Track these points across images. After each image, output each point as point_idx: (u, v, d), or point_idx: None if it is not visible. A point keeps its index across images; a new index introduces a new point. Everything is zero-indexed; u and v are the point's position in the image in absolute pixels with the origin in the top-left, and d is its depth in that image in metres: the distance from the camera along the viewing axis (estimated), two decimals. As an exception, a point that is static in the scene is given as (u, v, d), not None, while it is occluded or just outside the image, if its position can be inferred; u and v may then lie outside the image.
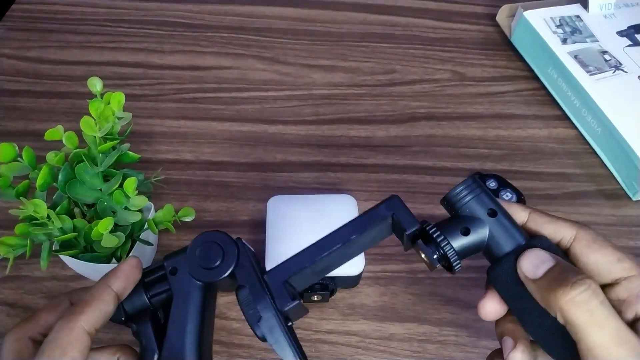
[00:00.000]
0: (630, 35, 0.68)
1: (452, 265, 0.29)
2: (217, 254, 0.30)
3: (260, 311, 0.28)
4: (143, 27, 0.70)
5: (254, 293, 0.28)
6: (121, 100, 0.40)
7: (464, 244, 0.29)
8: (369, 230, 0.29)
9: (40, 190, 0.39)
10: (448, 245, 0.28)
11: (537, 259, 0.27)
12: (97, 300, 0.28)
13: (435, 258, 0.29)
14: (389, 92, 0.65)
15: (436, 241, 0.29)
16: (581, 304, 0.24)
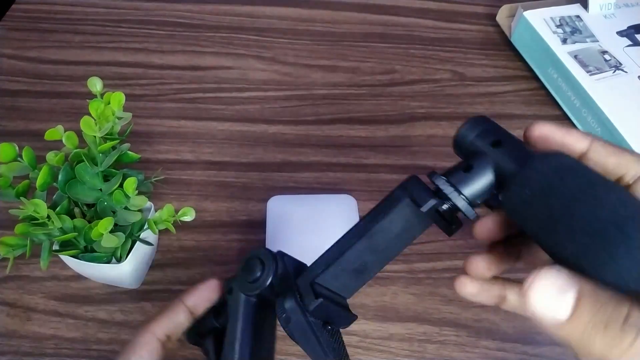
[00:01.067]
0: (630, 35, 0.68)
1: (463, 212, 0.26)
2: (258, 267, 0.30)
3: (289, 312, 0.28)
4: (143, 27, 0.70)
5: (286, 297, 0.29)
6: (121, 100, 0.40)
7: (468, 182, 0.26)
8: (388, 216, 0.28)
9: (40, 190, 0.39)
10: (450, 188, 0.26)
11: (553, 288, 0.19)
12: (168, 310, 0.33)
13: (446, 214, 0.26)
14: (389, 92, 0.65)
15: (442, 192, 0.26)
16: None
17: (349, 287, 0.29)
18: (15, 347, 0.43)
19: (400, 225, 0.28)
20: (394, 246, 0.29)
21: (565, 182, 0.22)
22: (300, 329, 0.28)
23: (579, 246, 0.20)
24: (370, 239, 0.28)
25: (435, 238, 0.52)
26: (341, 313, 0.29)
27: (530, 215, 0.23)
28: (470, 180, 0.26)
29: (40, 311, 0.45)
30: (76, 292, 0.47)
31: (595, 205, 0.20)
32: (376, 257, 0.29)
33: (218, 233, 0.51)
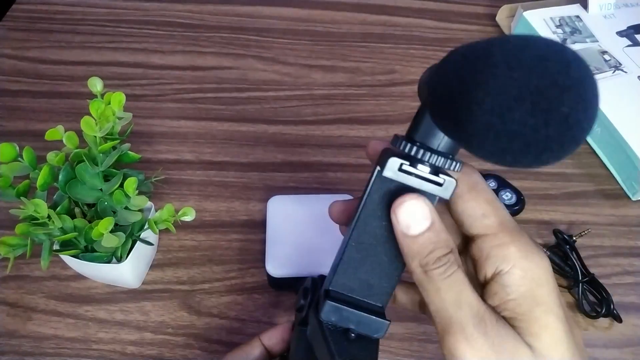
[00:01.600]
0: (630, 35, 0.68)
1: (438, 166, 0.23)
2: (301, 295, 0.31)
3: (310, 327, 0.28)
4: (143, 28, 0.70)
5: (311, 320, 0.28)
6: (121, 101, 0.41)
7: (421, 128, 0.23)
8: (369, 195, 0.25)
9: (41, 190, 0.39)
10: (410, 144, 0.23)
11: (415, 214, 0.24)
12: (245, 345, 0.35)
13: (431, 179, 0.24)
14: (389, 92, 0.65)
15: (406, 152, 0.23)
16: (435, 279, 0.23)
17: (374, 289, 0.27)
18: (15, 346, 0.43)
19: (387, 202, 0.25)
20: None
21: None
22: (315, 334, 0.26)
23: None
24: (363, 226, 0.25)
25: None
26: (365, 318, 0.27)
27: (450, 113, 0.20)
28: (427, 131, 0.23)
29: (40, 311, 0.45)
30: (76, 292, 0.47)
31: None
32: (384, 247, 0.26)
33: (218, 233, 0.51)
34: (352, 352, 0.26)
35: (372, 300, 0.27)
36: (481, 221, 0.25)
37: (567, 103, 0.17)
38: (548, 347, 0.23)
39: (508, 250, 0.24)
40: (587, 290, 0.48)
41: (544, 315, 0.23)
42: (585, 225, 0.53)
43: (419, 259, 0.24)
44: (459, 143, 0.22)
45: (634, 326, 0.47)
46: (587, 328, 0.47)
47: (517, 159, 0.19)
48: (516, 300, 0.23)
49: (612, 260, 0.51)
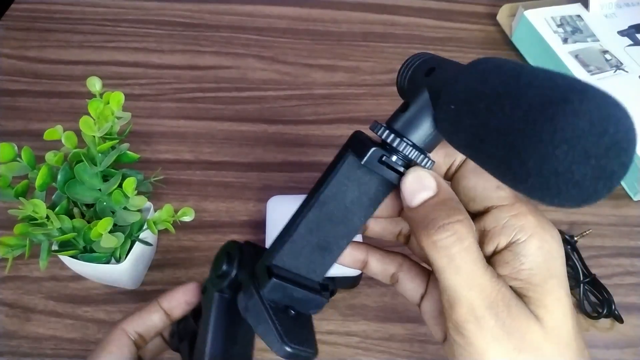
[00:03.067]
0: (631, 34, 0.68)
1: (412, 158, 0.23)
2: (224, 261, 0.29)
3: (245, 299, 0.26)
4: (142, 27, 0.70)
5: (244, 290, 0.26)
6: (120, 100, 0.40)
7: (409, 123, 0.23)
8: (334, 178, 0.24)
9: (40, 190, 0.39)
10: (391, 133, 0.23)
11: (419, 183, 0.24)
12: (143, 310, 0.33)
13: (398, 168, 0.24)
14: (389, 92, 0.65)
15: (385, 141, 0.23)
16: (442, 250, 0.23)
17: (315, 266, 0.27)
18: (14, 347, 0.43)
19: (352, 187, 0.25)
20: (354, 214, 0.26)
21: (487, 83, 0.19)
22: (255, 312, 0.25)
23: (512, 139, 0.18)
24: (322, 207, 0.25)
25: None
26: (308, 296, 0.26)
27: (461, 133, 0.21)
28: (410, 120, 0.23)
29: (39, 311, 0.45)
30: (75, 293, 0.47)
31: (521, 94, 0.18)
32: (336, 229, 0.26)
33: (218, 233, 0.51)
34: (297, 332, 0.26)
35: (311, 277, 0.27)
36: (497, 192, 0.24)
37: (617, 163, 0.18)
38: (559, 320, 0.23)
39: (526, 219, 0.23)
40: (588, 290, 0.47)
41: (557, 288, 0.23)
42: (587, 226, 0.53)
43: (427, 229, 0.23)
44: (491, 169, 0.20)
45: (635, 327, 0.47)
46: (588, 329, 0.47)
47: (561, 203, 0.19)
48: (531, 270, 0.23)
49: (614, 260, 0.51)
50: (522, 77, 0.19)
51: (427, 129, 0.23)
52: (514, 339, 0.22)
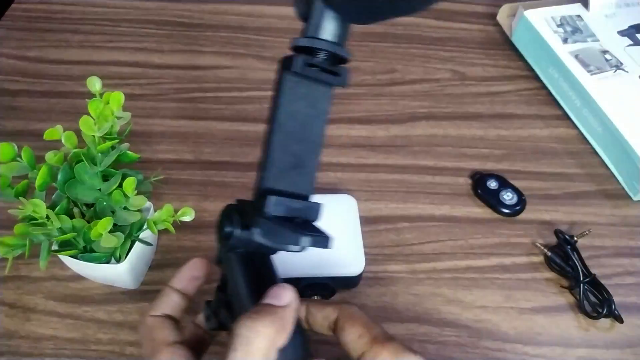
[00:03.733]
0: (631, 34, 0.68)
1: (334, 51, 0.32)
2: (226, 223, 0.31)
3: (259, 227, 0.29)
4: (142, 27, 0.70)
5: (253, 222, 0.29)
6: (120, 100, 0.40)
7: (318, 26, 0.31)
8: (281, 97, 0.29)
9: (40, 190, 0.39)
10: (307, 39, 0.31)
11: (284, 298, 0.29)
12: (160, 296, 0.34)
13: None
14: (389, 92, 0.65)
15: (304, 47, 0.30)
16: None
17: (300, 183, 0.30)
18: (14, 347, 0.43)
19: (299, 102, 0.29)
20: (312, 126, 0.30)
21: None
22: (268, 229, 0.28)
23: None
24: (281, 129, 0.30)
25: (436, 238, 0.52)
26: (306, 205, 0.30)
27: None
28: (316, 24, 0.29)
29: (39, 311, 0.45)
30: (75, 293, 0.46)
31: None
32: (303, 145, 0.30)
33: (218, 233, 0.51)
34: (309, 228, 0.29)
35: (302, 192, 0.30)
36: (359, 342, 0.30)
37: None
38: None
39: (382, 356, 0.29)
40: (588, 290, 0.47)
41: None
42: (587, 226, 0.53)
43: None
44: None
45: (635, 327, 0.47)
46: (588, 329, 0.47)
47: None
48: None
49: (614, 260, 0.51)
50: None
51: (331, 22, 0.30)
52: None
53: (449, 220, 0.54)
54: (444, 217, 0.54)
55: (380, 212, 0.53)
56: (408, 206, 0.54)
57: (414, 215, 0.53)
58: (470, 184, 0.56)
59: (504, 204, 0.53)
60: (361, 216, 0.48)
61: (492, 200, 0.54)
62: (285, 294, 0.29)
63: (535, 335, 0.46)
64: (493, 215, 0.54)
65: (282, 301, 0.29)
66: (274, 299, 0.29)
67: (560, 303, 0.48)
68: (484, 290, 0.49)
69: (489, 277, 0.50)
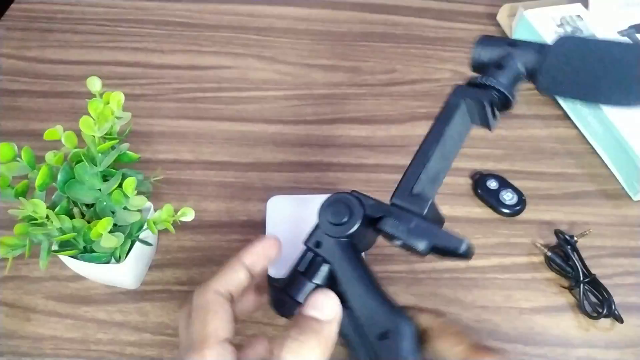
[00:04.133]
0: (631, 34, 0.67)
1: (509, 99, 0.34)
2: (344, 211, 0.32)
3: (409, 223, 0.31)
4: (142, 27, 0.70)
5: (395, 217, 0.31)
6: (120, 100, 0.40)
7: (504, 75, 0.35)
8: (452, 120, 0.34)
9: (40, 190, 0.39)
10: (494, 80, 0.34)
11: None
12: (228, 269, 0.33)
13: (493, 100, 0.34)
14: (389, 92, 0.65)
15: (487, 86, 0.34)
16: None
17: (432, 192, 0.33)
18: (14, 347, 0.43)
19: (460, 128, 0.35)
20: (455, 149, 0.34)
21: (583, 53, 0.32)
22: (423, 230, 0.31)
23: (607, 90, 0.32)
24: (444, 146, 0.33)
25: (436, 238, 0.52)
26: (435, 208, 0.33)
27: (565, 87, 0.34)
28: (504, 73, 0.35)
29: (39, 311, 0.45)
30: (75, 293, 0.46)
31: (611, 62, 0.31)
32: (446, 164, 0.34)
33: (218, 233, 0.51)
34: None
35: (429, 196, 0.33)
36: (455, 350, 0.29)
37: None
38: None
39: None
40: (588, 290, 0.47)
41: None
42: (587, 226, 0.53)
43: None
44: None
45: (635, 327, 0.47)
46: (588, 329, 0.47)
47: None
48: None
49: (614, 260, 0.51)
50: (612, 46, 0.32)
51: (515, 80, 0.35)
52: None
53: (448, 220, 0.53)
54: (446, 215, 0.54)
55: (380, 212, 0.53)
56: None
57: (414, 215, 0.53)
58: (470, 184, 0.56)
59: (504, 204, 0.53)
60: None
61: (492, 200, 0.54)
62: (330, 305, 0.28)
63: (536, 335, 0.46)
64: (493, 216, 0.54)
65: (326, 314, 0.27)
66: (317, 311, 0.28)
67: (561, 303, 0.48)
68: (484, 291, 0.49)
69: (489, 277, 0.50)
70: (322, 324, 0.27)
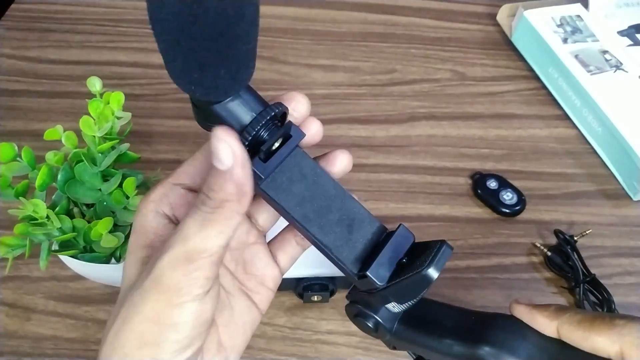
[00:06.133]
0: (630, 34, 0.68)
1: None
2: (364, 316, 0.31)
3: (382, 306, 0.29)
4: (143, 27, 0.70)
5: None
6: (120, 100, 0.40)
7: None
8: (274, 192, 0.26)
9: (40, 190, 0.39)
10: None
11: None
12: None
13: None
14: (389, 92, 0.65)
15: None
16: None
17: (369, 231, 0.28)
18: (14, 347, 0.43)
19: (291, 186, 0.27)
20: (322, 187, 0.28)
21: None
22: (397, 297, 0.27)
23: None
24: (304, 218, 0.27)
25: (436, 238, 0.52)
26: (396, 239, 0.28)
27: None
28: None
29: (39, 311, 0.45)
30: (75, 293, 0.47)
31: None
32: (335, 208, 0.28)
33: (218, 233, 0.51)
34: (421, 256, 0.27)
35: (376, 235, 0.28)
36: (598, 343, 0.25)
37: None
38: None
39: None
40: (588, 290, 0.47)
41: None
42: (586, 226, 0.53)
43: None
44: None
45: (635, 327, 0.47)
46: (588, 329, 0.47)
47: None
48: None
49: (613, 260, 0.51)
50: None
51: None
52: None
53: (448, 220, 0.54)
54: (443, 217, 0.54)
55: (380, 212, 0.53)
56: (408, 206, 0.54)
57: (413, 215, 0.53)
58: (470, 184, 0.56)
59: (503, 204, 0.54)
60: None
61: (492, 200, 0.54)
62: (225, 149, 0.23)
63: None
64: (493, 215, 0.54)
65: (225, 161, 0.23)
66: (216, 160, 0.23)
67: (560, 303, 0.48)
68: (484, 290, 0.49)
69: (489, 277, 0.50)
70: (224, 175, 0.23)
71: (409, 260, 0.27)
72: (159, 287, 0.23)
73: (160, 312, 0.23)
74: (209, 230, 0.23)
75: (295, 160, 0.27)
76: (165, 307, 0.23)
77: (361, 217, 0.28)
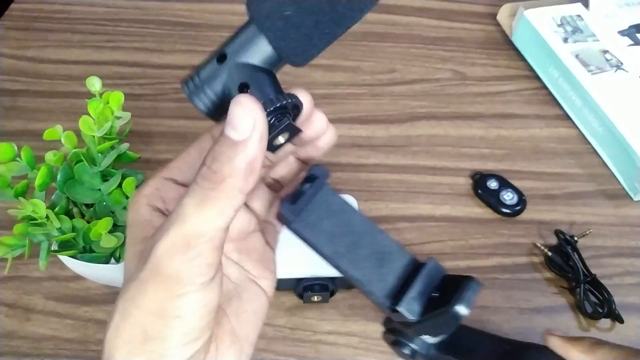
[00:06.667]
0: (631, 34, 0.67)
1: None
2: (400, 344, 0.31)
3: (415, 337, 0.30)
4: (142, 27, 0.70)
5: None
6: (120, 100, 0.40)
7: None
8: (304, 229, 0.27)
9: (39, 190, 0.39)
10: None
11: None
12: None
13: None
14: (389, 92, 0.65)
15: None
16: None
17: (401, 265, 0.28)
18: (14, 347, 0.43)
19: (321, 223, 0.27)
20: (352, 223, 0.28)
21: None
22: (429, 329, 0.28)
23: None
24: (334, 254, 0.27)
25: (436, 239, 0.52)
26: (426, 273, 0.28)
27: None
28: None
29: (39, 312, 0.45)
30: (75, 293, 0.46)
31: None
32: (365, 243, 0.28)
33: (218, 233, 0.51)
34: (450, 290, 0.28)
35: (407, 270, 0.28)
36: None
37: None
38: None
39: None
40: (588, 290, 0.47)
41: None
42: (587, 226, 0.53)
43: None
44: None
45: (635, 327, 0.47)
46: (588, 329, 0.47)
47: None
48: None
49: (614, 260, 0.51)
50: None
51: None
52: None
53: (449, 221, 0.54)
54: (444, 217, 0.54)
55: (380, 212, 0.53)
56: (408, 206, 0.54)
57: (414, 216, 0.53)
58: (471, 184, 0.56)
59: (504, 204, 0.53)
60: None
61: (493, 200, 0.54)
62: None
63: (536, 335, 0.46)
64: (493, 215, 0.54)
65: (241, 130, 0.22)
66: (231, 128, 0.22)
67: (561, 303, 0.48)
68: (484, 291, 0.48)
69: (489, 277, 0.50)
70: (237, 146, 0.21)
71: (440, 295, 0.28)
72: (158, 277, 0.21)
73: (163, 304, 0.21)
74: (208, 211, 0.21)
75: (323, 198, 0.28)
76: (167, 298, 0.21)
77: (391, 250, 0.28)
